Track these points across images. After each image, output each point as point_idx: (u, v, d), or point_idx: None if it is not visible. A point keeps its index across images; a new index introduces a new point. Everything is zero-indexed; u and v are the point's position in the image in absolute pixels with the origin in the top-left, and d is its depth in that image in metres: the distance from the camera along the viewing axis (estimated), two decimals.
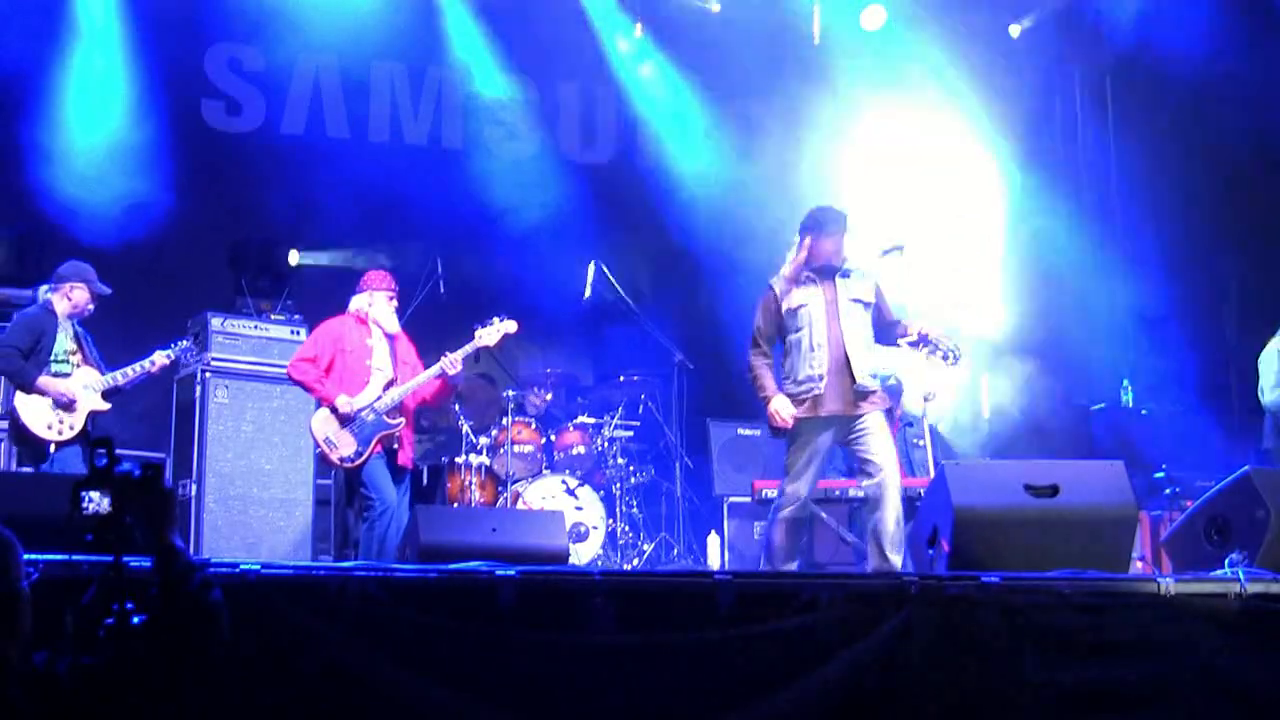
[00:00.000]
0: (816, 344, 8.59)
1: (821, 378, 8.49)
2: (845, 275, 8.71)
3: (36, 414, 9.25)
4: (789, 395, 8.62)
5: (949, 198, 8.74)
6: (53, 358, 9.40)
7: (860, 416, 8.46)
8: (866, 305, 8.71)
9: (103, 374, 9.55)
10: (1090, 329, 12.45)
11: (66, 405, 9.28)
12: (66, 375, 9.40)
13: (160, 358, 9.78)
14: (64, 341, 9.50)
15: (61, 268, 9.69)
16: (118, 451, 3.77)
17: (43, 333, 9.43)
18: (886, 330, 8.76)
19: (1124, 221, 12.82)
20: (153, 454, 10.71)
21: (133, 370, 9.64)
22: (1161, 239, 12.57)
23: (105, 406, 9.52)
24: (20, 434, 9.31)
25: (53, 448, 9.26)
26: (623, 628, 5.86)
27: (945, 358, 8.54)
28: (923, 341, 8.57)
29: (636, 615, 5.90)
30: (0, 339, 9.42)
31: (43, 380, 9.26)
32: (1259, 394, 10.23)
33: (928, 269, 11.01)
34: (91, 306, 9.72)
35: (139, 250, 11.39)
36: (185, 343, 10.18)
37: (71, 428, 9.30)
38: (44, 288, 9.68)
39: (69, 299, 9.58)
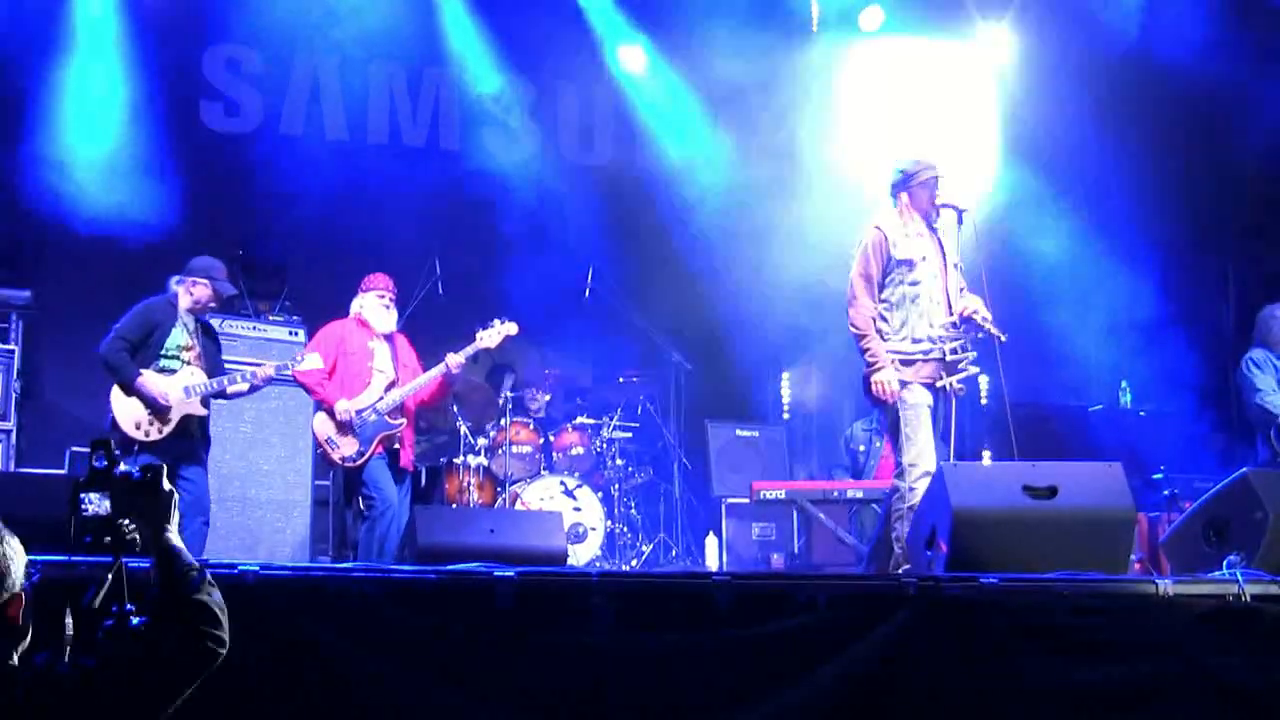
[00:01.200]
0: (936, 301, 8.22)
1: (940, 341, 8.15)
2: (943, 235, 8.35)
3: (128, 411, 8.96)
4: (899, 355, 8.16)
5: (948, 198, 8.66)
6: (163, 352, 9.13)
7: (956, 394, 8.18)
8: (957, 267, 8.36)
9: (210, 377, 9.29)
10: (1089, 330, 12.46)
11: (159, 409, 9.02)
12: (174, 372, 9.13)
13: (268, 370, 9.52)
14: (179, 336, 9.22)
15: (192, 261, 9.46)
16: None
17: (157, 325, 9.17)
18: None
19: (1123, 223, 12.81)
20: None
21: (239, 379, 9.36)
22: (1160, 241, 12.58)
23: (203, 412, 9.26)
24: (112, 425, 8.99)
25: (136, 448, 8.91)
26: (621, 629, 5.87)
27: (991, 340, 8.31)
28: (964, 323, 8.23)
29: (635, 616, 5.91)
30: (113, 326, 9.14)
31: (142, 380, 8.96)
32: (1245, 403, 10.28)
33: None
34: (214, 305, 9.54)
35: (136, 250, 11.37)
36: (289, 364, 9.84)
37: (160, 431, 9.00)
38: (174, 279, 9.40)
39: (191, 294, 9.32)
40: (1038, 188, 12.64)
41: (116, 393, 9.01)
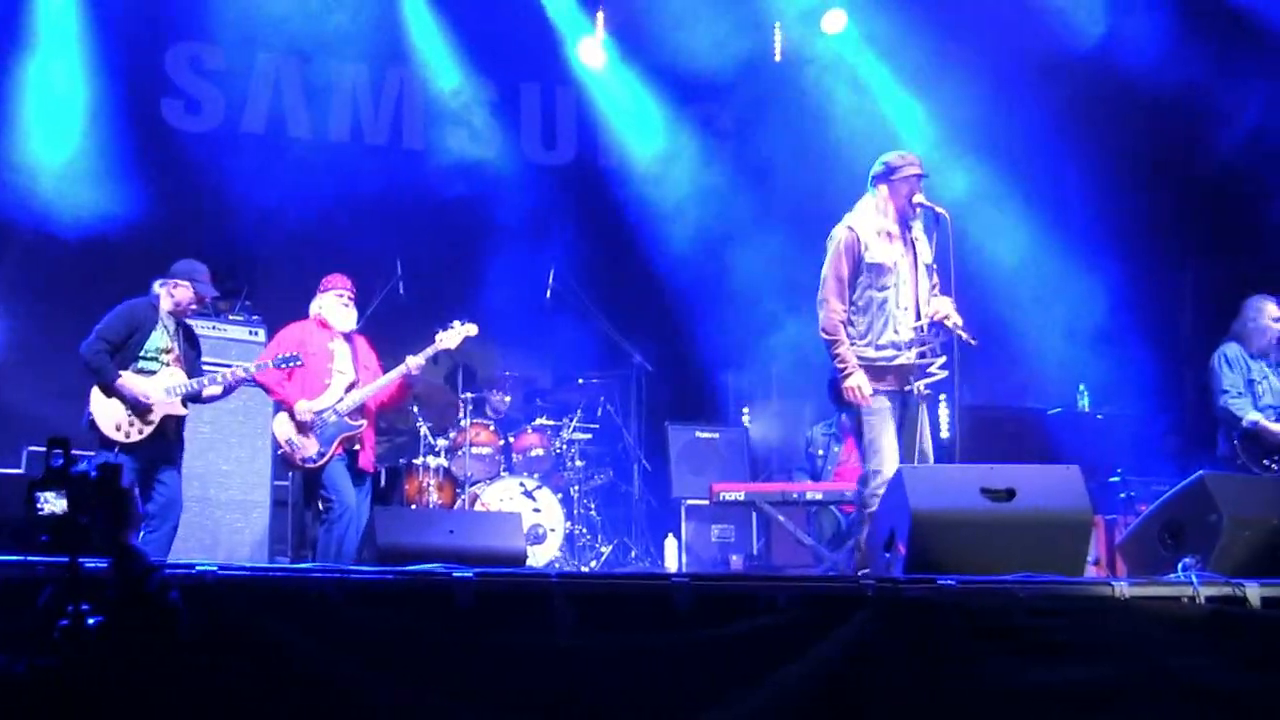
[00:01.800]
0: (904, 307, 8.18)
1: (907, 346, 8.15)
2: (916, 238, 8.30)
3: (108, 413, 8.93)
4: (864, 360, 8.14)
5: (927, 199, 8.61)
6: (143, 353, 9.10)
7: (925, 398, 8.18)
8: (930, 270, 8.32)
9: (190, 378, 9.26)
10: (1047, 334, 12.51)
11: (140, 409, 9.00)
12: (153, 373, 9.10)
13: (240, 371, 9.47)
14: (159, 339, 9.20)
15: (176, 264, 9.42)
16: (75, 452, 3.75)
17: (138, 327, 9.14)
18: None
19: (1081, 228, 12.88)
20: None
21: (210, 380, 9.33)
22: (1118, 245, 12.64)
23: (183, 412, 9.21)
24: (90, 425, 8.95)
25: (116, 449, 8.89)
26: (581, 630, 5.86)
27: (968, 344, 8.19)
28: (934, 327, 8.22)
29: (594, 617, 5.90)
30: (95, 328, 9.04)
31: (122, 380, 8.93)
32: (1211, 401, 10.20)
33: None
34: (195, 307, 9.51)
35: (96, 249, 11.34)
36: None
37: (140, 432, 8.98)
38: (156, 281, 9.36)
39: (172, 296, 9.29)
40: (996, 188, 12.67)
41: (96, 394, 8.98)
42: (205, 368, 9.87)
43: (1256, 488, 7.94)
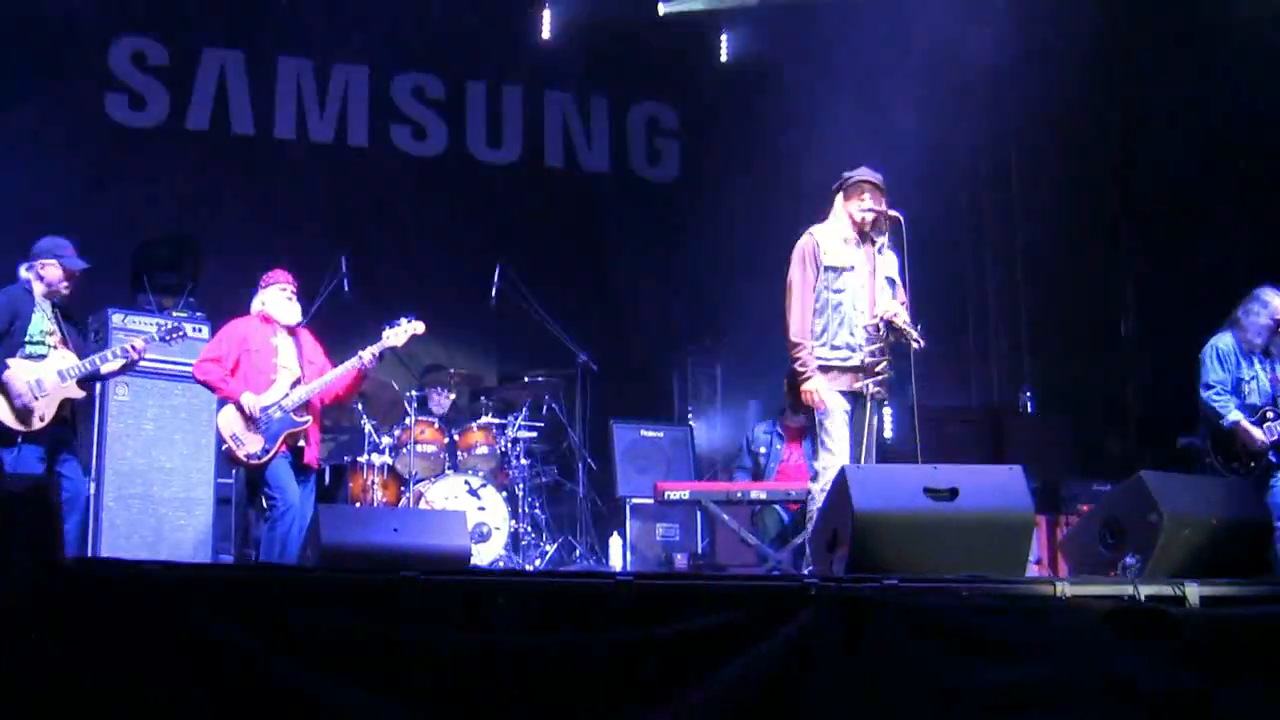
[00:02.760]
0: (860, 310, 8.31)
1: (861, 349, 8.27)
2: (880, 251, 8.42)
3: (3, 402, 8.76)
4: (820, 360, 8.29)
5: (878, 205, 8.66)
6: (28, 339, 8.92)
7: (875, 400, 8.29)
8: (892, 283, 8.45)
9: (81, 358, 9.09)
10: (991, 336, 12.58)
11: (39, 393, 8.80)
12: (42, 358, 8.93)
13: (139, 342, 9.27)
14: (40, 322, 9.02)
15: (37, 243, 9.24)
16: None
17: (17, 314, 8.96)
18: None
19: (1025, 232, 12.97)
20: None
21: (111, 354, 9.18)
22: (1062, 249, 12.73)
23: (80, 394, 9.09)
24: None
25: (20, 439, 8.73)
26: (525, 629, 5.86)
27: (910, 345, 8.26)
28: (886, 327, 8.31)
29: (539, 616, 5.90)
30: None
31: (11, 372, 8.76)
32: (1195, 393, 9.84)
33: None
34: (66, 284, 9.23)
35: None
36: (168, 323, 9.85)
37: (42, 418, 8.82)
38: (22, 265, 9.17)
39: (42, 278, 9.11)
40: (943, 201, 12.72)
41: None
42: (151, 364, 9.82)
43: (1197, 487, 7.99)
